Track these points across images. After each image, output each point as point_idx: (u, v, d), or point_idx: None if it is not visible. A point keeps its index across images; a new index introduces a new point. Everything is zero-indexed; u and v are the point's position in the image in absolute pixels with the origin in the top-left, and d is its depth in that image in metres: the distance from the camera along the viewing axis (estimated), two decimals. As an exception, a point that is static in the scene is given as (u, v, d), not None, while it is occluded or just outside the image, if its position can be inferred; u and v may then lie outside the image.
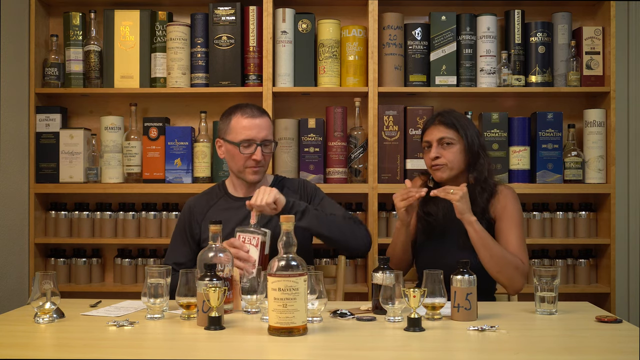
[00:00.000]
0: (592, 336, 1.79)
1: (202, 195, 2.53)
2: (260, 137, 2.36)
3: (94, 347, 1.70)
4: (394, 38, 3.16)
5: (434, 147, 2.40)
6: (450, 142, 2.38)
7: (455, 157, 2.38)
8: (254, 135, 2.36)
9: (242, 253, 2.12)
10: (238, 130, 2.37)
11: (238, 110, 2.41)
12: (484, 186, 2.38)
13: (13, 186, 3.06)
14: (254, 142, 2.36)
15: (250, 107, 2.41)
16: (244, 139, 2.36)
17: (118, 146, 3.20)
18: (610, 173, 3.14)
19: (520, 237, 2.33)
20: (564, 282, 3.22)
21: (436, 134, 2.40)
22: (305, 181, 2.57)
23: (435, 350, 1.68)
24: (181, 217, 2.49)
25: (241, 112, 2.39)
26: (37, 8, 3.19)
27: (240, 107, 2.42)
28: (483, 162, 2.39)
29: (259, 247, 2.14)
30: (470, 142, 2.38)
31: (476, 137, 2.40)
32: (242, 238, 2.17)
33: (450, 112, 2.45)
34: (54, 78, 3.20)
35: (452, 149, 2.38)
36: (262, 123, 2.38)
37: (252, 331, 1.82)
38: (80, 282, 3.24)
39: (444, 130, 2.39)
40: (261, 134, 2.37)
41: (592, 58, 3.18)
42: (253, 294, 2.00)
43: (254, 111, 2.39)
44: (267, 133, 2.39)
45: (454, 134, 2.38)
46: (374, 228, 3.08)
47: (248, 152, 2.36)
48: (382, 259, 2.00)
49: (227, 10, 3.14)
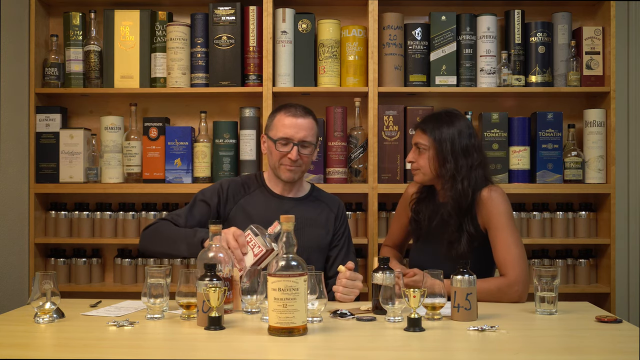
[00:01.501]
0: (592, 336, 1.79)
1: (238, 180, 2.53)
2: (299, 137, 2.37)
3: (94, 347, 1.70)
4: (394, 38, 3.16)
5: (412, 150, 2.43)
6: (424, 148, 2.38)
7: (424, 162, 2.38)
8: (292, 134, 2.37)
9: (239, 253, 2.10)
10: (279, 127, 2.39)
11: (284, 108, 2.43)
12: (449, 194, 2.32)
13: (13, 186, 3.06)
14: (291, 141, 2.37)
15: (296, 107, 2.42)
16: (282, 136, 2.38)
17: (118, 146, 3.20)
18: (610, 173, 3.14)
19: (508, 245, 2.24)
20: (564, 282, 3.22)
21: (415, 138, 2.42)
22: (341, 203, 2.58)
23: (435, 350, 1.68)
24: (212, 188, 2.48)
25: (285, 110, 2.41)
26: (37, 8, 3.19)
27: (287, 105, 2.44)
28: (449, 168, 2.32)
29: (257, 257, 2.10)
30: (439, 148, 2.34)
31: (449, 144, 2.33)
32: (250, 239, 2.13)
33: (437, 115, 2.42)
34: (54, 78, 3.20)
35: (424, 155, 2.38)
36: (304, 124, 2.39)
37: (252, 331, 1.82)
38: (80, 282, 3.24)
39: (420, 135, 2.40)
40: (300, 134, 2.37)
41: (592, 58, 3.18)
42: (253, 294, 2.00)
43: (297, 111, 2.40)
44: (306, 134, 2.39)
45: (426, 140, 2.37)
46: (374, 228, 3.08)
47: (284, 150, 2.38)
48: (382, 259, 2.00)
49: (227, 10, 3.14)
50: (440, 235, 2.35)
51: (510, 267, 2.22)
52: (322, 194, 2.58)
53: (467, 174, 2.33)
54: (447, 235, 2.32)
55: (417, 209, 2.48)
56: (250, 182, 2.52)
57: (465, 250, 2.28)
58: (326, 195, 2.58)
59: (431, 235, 2.41)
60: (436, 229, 2.39)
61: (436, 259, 2.32)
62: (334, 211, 2.53)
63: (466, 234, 2.30)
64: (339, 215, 2.55)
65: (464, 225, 2.31)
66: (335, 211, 2.53)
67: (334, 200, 2.57)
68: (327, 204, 2.54)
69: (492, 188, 2.34)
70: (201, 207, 2.44)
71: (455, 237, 2.30)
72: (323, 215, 2.50)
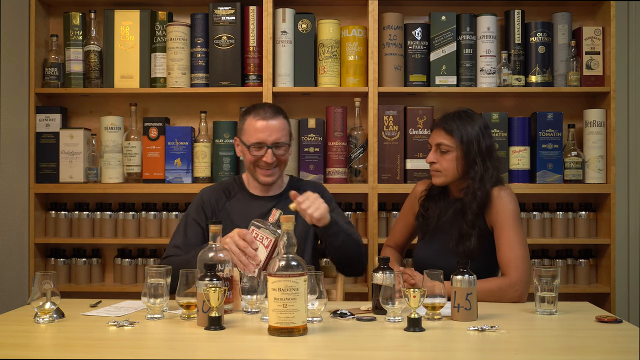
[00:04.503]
0: (592, 336, 1.79)
1: (217, 187, 2.51)
2: (272, 139, 2.34)
3: (94, 347, 1.70)
4: (394, 38, 3.16)
5: (432, 151, 2.38)
6: (447, 150, 2.33)
7: (449, 164, 2.33)
8: (264, 137, 2.34)
9: (250, 250, 2.09)
10: (250, 131, 2.36)
11: (253, 110, 2.39)
12: (474, 196, 2.30)
13: (13, 186, 3.06)
14: (264, 145, 2.34)
15: (265, 107, 2.39)
16: (254, 142, 2.35)
17: (118, 146, 3.20)
18: (610, 173, 3.14)
19: (512, 245, 2.24)
20: (564, 282, 3.22)
21: (436, 139, 2.37)
22: (323, 188, 2.55)
23: (435, 350, 1.68)
24: (195, 204, 2.46)
25: (255, 113, 2.38)
26: (37, 8, 3.19)
27: (256, 107, 2.41)
28: (478, 170, 2.31)
29: (269, 249, 2.11)
30: (466, 150, 2.31)
31: (475, 144, 2.32)
32: (255, 234, 2.13)
33: (457, 115, 2.37)
34: (54, 78, 3.20)
35: (448, 157, 2.33)
36: (276, 125, 2.36)
37: (252, 331, 1.82)
38: (80, 282, 3.24)
39: (443, 135, 2.35)
40: (272, 136, 2.34)
41: (592, 58, 3.18)
42: (253, 294, 2.00)
43: (267, 112, 2.36)
44: (279, 135, 2.36)
45: (451, 141, 2.33)
46: (374, 228, 3.08)
47: (259, 155, 2.35)
48: (382, 259, 2.00)
49: (227, 10, 3.14)
50: (448, 230, 2.35)
51: (512, 266, 2.22)
52: (302, 183, 2.55)
53: (492, 174, 2.33)
54: (458, 230, 2.31)
55: (426, 205, 2.46)
56: (231, 187, 2.50)
57: (475, 246, 2.28)
58: (306, 183, 2.57)
59: (439, 231, 2.40)
60: (445, 224, 2.38)
61: (442, 254, 2.32)
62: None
63: (477, 230, 2.30)
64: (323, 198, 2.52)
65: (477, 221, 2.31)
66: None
67: (315, 186, 2.53)
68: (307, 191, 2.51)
69: (502, 188, 2.34)
70: (194, 228, 2.41)
71: (467, 232, 2.29)
72: None
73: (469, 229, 2.30)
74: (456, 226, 2.33)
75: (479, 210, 2.30)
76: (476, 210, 2.30)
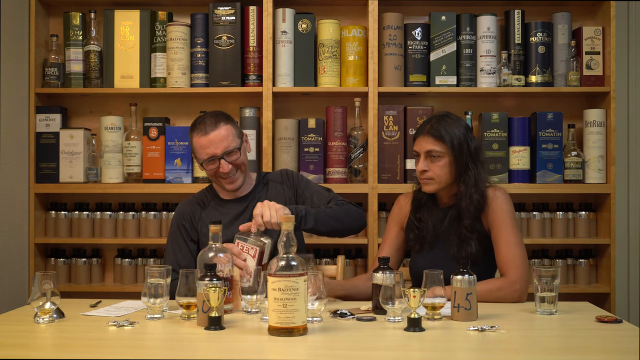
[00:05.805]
0: (592, 336, 1.79)
1: (191, 200, 2.52)
2: (219, 151, 2.33)
3: (94, 347, 1.70)
4: (394, 38, 3.16)
5: (422, 159, 2.32)
6: (438, 156, 2.29)
7: (442, 171, 2.29)
8: (212, 152, 2.33)
9: (239, 261, 2.11)
10: (198, 150, 2.36)
11: (195, 128, 2.38)
12: (471, 199, 2.28)
13: (13, 186, 3.06)
14: (215, 158, 2.34)
15: (205, 121, 2.36)
16: (205, 158, 2.35)
17: (118, 146, 3.20)
18: (610, 173, 3.14)
19: (510, 245, 2.23)
20: (564, 282, 3.22)
21: (424, 146, 2.31)
22: (288, 171, 2.56)
23: (435, 350, 1.68)
24: (175, 223, 2.47)
25: (197, 130, 2.36)
26: (37, 8, 3.19)
27: (196, 124, 2.39)
28: (471, 174, 2.29)
29: (256, 258, 2.12)
30: (458, 154, 2.29)
31: (466, 147, 2.30)
32: (241, 246, 2.15)
33: (441, 119, 2.33)
34: (54, 78, 3.20)
35: (439, 163, 2.29)
36: (218, 136, 2.33)
37: (252, 331, 1.82)
38: (80, 282, 3.24)
39: (432, 142, 2.29)
40: (219, 148, 2.33)
41: (592, 58, 3.18)
42: (253, 294, 2.00)
43: (207, 126, 2.34)
44: (226, 144, 2.34)
45: (441, 147, 2.28)
46: (374, 228, 3.08)
47: (214, 167, 2.36)
48: (382, 259, 2.00)
49: (227, 10, 3.14)
50: (447, 237, 2.33)
51: (512, 266, 2.21)
52: (269, 175, 2.55)
53: (484, 175, 2.32)
54: (457, 236, 2.30)
55: (418, 217, 2.40)
56: (204, 197, 2.51)
57: (476, 250, 2.27)
58: (272, 174, 2.56)
59: (437, 240, 2.36)
60: (442, 232, 2.35)
61: (444, 260, 2.28)
62: (287, 184, 2.50)
63: (476, 233, 2.29)
64: (294, 183, 2.51)
65: (475, 225, 2.29)
66: (289, 184, 2.51)
67: (280, 174, 2.54)
68: (274, 180, 2.51)
69: (496, 188, 2.33)
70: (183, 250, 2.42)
71: (466, 237, 2.28)
72: (281, 195, 2.47)
73: (468, 234, 2.28)
74: (455, 232, 2.32)
75: (476, 213, 2.29)
76: (474, 213, 2.29)
